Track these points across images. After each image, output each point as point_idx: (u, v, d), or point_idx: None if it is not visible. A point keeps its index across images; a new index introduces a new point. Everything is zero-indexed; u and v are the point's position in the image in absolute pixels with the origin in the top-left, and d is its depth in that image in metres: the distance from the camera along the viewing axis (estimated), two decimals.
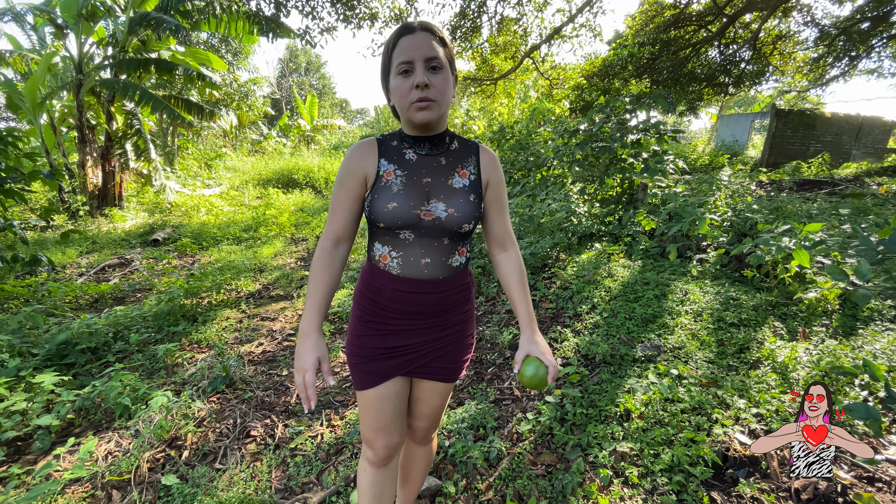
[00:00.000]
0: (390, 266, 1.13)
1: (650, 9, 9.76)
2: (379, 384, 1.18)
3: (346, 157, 1.13)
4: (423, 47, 1.01)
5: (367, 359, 1.18)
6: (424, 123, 1.06)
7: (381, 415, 1.20)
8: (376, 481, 1.28)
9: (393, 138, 1.15)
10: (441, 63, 1.03)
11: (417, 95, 1.02)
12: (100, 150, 8.31)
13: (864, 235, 1.63)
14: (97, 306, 4.09)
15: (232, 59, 15.72)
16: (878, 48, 9.84)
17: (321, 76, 35.29)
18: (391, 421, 1.21)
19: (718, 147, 16.15)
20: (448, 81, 1.06)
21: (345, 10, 7.42)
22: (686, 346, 2.55)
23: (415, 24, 1.04)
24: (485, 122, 12.82)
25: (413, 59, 1.01)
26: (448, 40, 1.09)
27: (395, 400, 1.20)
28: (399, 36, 1.04)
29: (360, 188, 1.12)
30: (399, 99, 1.05)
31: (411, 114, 1.05)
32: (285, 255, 6.00)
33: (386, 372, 1.18)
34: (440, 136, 1.14)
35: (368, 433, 1.23)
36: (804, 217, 4.83)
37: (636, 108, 4.87)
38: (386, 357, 1.18)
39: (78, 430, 2.28)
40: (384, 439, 1.21)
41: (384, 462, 1.25)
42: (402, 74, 1.03)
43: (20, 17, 8.19)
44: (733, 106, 28.84)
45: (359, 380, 1.20)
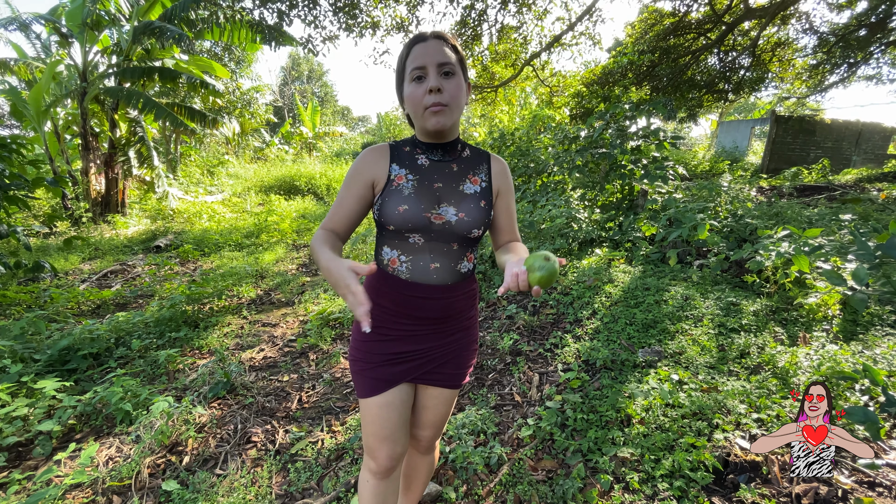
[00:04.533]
0: (399, 270, 1.13)
1: (650, 17, 9.83)
2: (385, 391, 1.16)
3: (358, 159, 1.14)
4: (435, 53, 1.03)
5: (372, 365, 1.16)
6: (438, 129, 1.07)
7: (386, 423, 1.16)
8: (378, 492, 1.23)
9: (406, 144, 1.16)
10: (454, 69, 1.05)
11: (431, 100, 1.03)
12: (103, 158, 8.37)
13: (861, 240, 1.64)
14: (99, 312, 4.10)
15: (235, 67, 15.86)
16: (876, 55, 9.89)
17: (323, 84, 35.55)
18: (396, 429, 1.18)
19: (719, 153, 16.19)
20: (461, 87, 1.07)
21: (347, 19, 7.49)
22: (687, 352, 2.55)
23: (428, 33, 1.07)
24: (485, 129, 12.89)
25: (426, 65, 1.03)
26: (461, 48, 1.11)
27: (400, 408, 1.18)
28: (413, 44, 1.06)
29: (365, 191, 1.12)
30: (413, 105, 1.07)
31: (425, 119, 1.06)
32: (287, 261, 6.02)
33: (392, 378, 1.16)
34: (452, 144, 1.16)
35: (372, 443, 1.18)
36: (804, 223, 4.83)
37: (636, 115, 4.89)
38: (392, 363, 1.16)
39: (79, 435, 2.28)
40: (388, 449, 1.17)
41: (387, 473, 1.21)
42: (415, 81, 1.05)
43: (25, 26, 8.29)
44: (733, 112, 28.92)
45: (364, 387, 1.17)
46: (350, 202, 1.13)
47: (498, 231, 1.25)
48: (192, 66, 9.15)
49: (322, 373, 2.91)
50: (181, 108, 8.64)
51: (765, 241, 3.16)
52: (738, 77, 10.00)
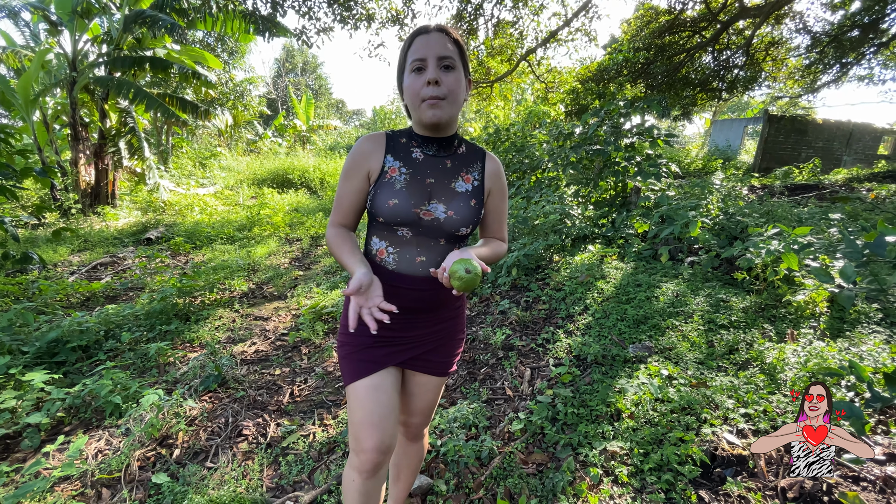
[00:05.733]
0: (386, 261, 1.14)
1: (645, 14, 9.84)
2: (373, 373, 1.14)
3: (354, 148, 1.14)
4: (436, 46, 1.03)
5: (359, 347, 1.16)
6: (434, 123, 1.06)
7: (375, 408, 1.11)
8: (363, 492, 1.15)
9: (402, 135, 1.16)
10: (454, 63, 1.04)
11: (429, 92, 1.02)
12: (93, 148, 8.25)
13: (850, 239, 1.66)
14: (89, 305, 4.06)
15: (228, 58, 15.67)
16: (868, 55, 9.98)
17: (317, 76, 35.24)
18: (385, 416, 1.11)
19: (712, 152, 16.28)
20: (460, 82, 1.07)
21: (341, 10, 7.42)
22: (676, 347, 2.57)
23: (431, 25, 1.06)
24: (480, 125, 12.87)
25: (426, 57, 1.02)
26: (463, 44, 1.10)
27: (389, 391, 1.14)
28: (415, 36, 1.06)
29: (363, 183, 1.14)
30: (411, 97, 1.06)
31: (422, 112, 1.05)
32: (279, 254, 5.99)
33: (380, 360, 1.16)
34: (449, 139, 1.15)
35: (359, 431, 1.11)
36: (794, 221, 4.88)
37: (630, 112, 4.91)
38: (380, 345, 1.16)
39: (68, 428, 2.27)
40: (376, 439, 1.09)
41: (373, 470, 1.12)
42: (415, 72, 1.04)
43: (14, 14, 8.14)
44: (727, 111, 29.10)
45: (351, 370, 1.15)
46: (351, 198, 1.15)
47: (484, 229, 1.27)
48: (183, 57, 9.03)
49: (314, 367, 2.91)
50: (173, 98, 8.53)
51: (755, 239, 3.18)
52: (731, 76, 10.05)
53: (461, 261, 0.99)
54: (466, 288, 0.99)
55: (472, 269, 0.98)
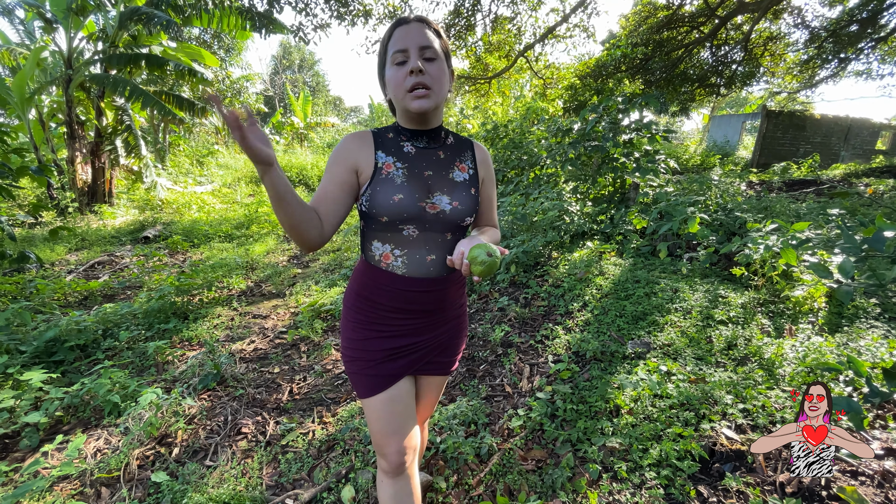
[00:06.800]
0: (394, 265, 1.09)
1: (643, 10, 9.81)
2: (389, 387, 1.14)
3: (340, 144, 1.09)
4: (417, 36, 1.01)
5: (374, 363, 1.14)
6: (421, 112, 1.04)
7: (394, 417, 1.14)
8: (395, 492, 1.17)
9: (388, 131, 1.13)
10: (436, 53, 1.03)
11: (412, 82, 1.00)
12: (89, 146, 8.21)
13: (848, 234, 1.65)
14: (86, 304, 4.05)
15: (224, 56, 15.59)
16: (866, 51, 9.96)
17: (315, 73, 35.09)
18: (404, 422, 1.15)
19: (710, 147, 16.29)
20: (443, 71, 1.05)
21: (338, 6, 7.38)
22: (675, 343, 2.58)
23: (410, 16, 1.05)
24: (479, 121, 12.83)
25: (408, 47, 1.01)
26: (443, 33, 1.09)
27: (405, 399, 1.16)
28: (395, 27, 1.04)
29: (348, 176, 1.06)
30: (395, 89, 1.04)
31: (407, 102, 1.03)
32: (277, 252, 5.98)
33: (395, 373, 1.15)
34: (436, 130, 1.14)
35: (381, 440, 1.14)
36: (792, 216, 4.89)
37: (629, 108, 4.90)
38: (393, 358, 1.15)
39: (66, 427, 2.26)
40: (398, 443, 1.13)
41: (399, 468, 1.15)
42: (397, 65, 1.03)
43: (8, 11, 8.08)
44: (725, 107, 29.08)
45: (367, 386, 1.14)
46: (330, 187, 1.05)
47: (480, 218, 1.27)
48: (180, 54, 8.98)
49: (313, 364, 2.91)
50: (169, 96, 8.49)
51: (753, 235, 3.19)
52: (730, 71, 10.04)
53: (480, 245, 0.97)
54: (487, 273, 0.96)
55: (493, 253, 0.96)
